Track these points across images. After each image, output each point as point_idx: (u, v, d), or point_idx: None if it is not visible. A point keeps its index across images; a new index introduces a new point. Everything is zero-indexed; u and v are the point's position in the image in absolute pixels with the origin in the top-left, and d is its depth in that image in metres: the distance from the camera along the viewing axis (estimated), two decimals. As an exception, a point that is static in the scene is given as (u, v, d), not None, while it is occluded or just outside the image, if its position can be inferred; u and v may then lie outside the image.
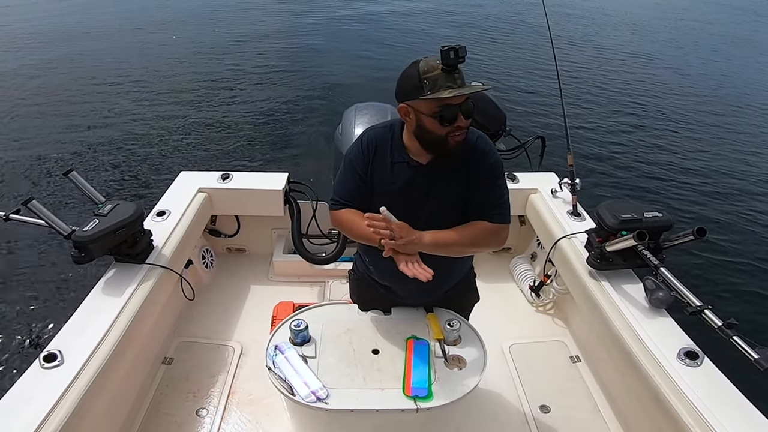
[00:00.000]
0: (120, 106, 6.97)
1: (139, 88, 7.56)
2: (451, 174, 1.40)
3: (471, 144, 1.41)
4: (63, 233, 1.90)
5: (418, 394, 1.37)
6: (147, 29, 10.74)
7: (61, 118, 6.58)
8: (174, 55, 9.04)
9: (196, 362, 2.27)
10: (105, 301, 1.88)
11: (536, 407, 2.09)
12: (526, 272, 2.77)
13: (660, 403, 1.60)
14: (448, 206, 1.43)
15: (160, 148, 5.80)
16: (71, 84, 7.80)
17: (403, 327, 1.60)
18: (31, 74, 8.22)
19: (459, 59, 1.22)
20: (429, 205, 1.42)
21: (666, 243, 1.93)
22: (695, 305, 1.64)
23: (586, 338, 2.33)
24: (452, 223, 1.41)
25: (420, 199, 1.41)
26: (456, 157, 1.38)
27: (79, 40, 10.06)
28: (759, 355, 1.41)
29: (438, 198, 1.42)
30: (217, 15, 11.66)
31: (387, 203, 1.26)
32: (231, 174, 2.75)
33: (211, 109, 6.78)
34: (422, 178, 1.41)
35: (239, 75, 7.92)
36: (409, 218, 1.36)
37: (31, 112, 6.84)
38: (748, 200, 4.63)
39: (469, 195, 1.42)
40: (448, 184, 1.41)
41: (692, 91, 7.03)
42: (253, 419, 2.02)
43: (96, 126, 6.37)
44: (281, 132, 6.11)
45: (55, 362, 1.59)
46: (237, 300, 2.67)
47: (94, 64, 8.64)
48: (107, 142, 5.93)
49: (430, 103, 1.26)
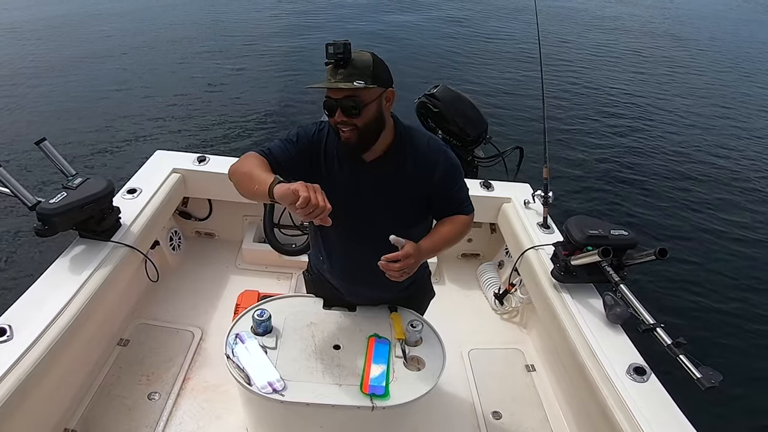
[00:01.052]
0: (102, 79, 6.78)
1: (125, 63, 7.39)
2: (396, 173, 1.41)
3: (422, 146, 1.42)
4: (28, 204, 1.84)
5: (375, 392, 1.39)
6: (136, 10, 10.45)
7: (39, 87, 6.38)
8: (165, 34, 8.85)
9: (153, 345, 2.23)
10: (64, 277, 1.83)
11: (489, 413, 2.13)
12: (492, 279, 2.82)
13: (606, 417, 1.65)
14: (394, 203, 1.43)
15: (139, 125, 5.66)
16: (54, 54, 7.59)
17: (366, 325, 1.61)
18: (14, 41, 7.93)
19: (338, 55, 1.23)
20: (375, 202, 1.42)
21: (629, 261, 1.99)
22: (648, 323, 1.71)
23: (543, 348, 2.39)
24: (399, 221, 1.40)
25: (367, 195, 1.42)
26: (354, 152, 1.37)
27: (67, 14, 9.74)
28: (701, 374, 1.48)
29: (382, 195, 1.42)
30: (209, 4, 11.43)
31: (338, 197, 1.24)
32: (208, 157, 2.71)
33: (195, 92, 6.64)
34: (366, 175, 1.41)
35: (228, 61, 7.79)
36: (357, 213, 1.37)
37: (7, 76, 6.59)
38: (715, 223, 4.80)
39: (426, 197, 1.44)
40: (395, 181, 1.41)
41: (675, 113, 7.25)
42: (207, 406, 2.00)
43: (75, 97, 6.18)
44: (265, 120, 6.03)
45: (4, 337, 1.54)
46: (202, 285, 2.64)
47: (81, 36, 8.43)
48: (84, 114, 5.76)
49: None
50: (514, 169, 3.40)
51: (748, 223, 4.86)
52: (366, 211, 1.42)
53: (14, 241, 3.66)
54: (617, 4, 14.80)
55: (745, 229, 4.76)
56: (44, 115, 5.72)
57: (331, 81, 1.26)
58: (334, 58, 1.24)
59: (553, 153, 3.42)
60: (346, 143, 1.34)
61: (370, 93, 1.28)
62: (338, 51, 1.23)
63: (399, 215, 1.43)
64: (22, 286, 1.77)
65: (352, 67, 1.25)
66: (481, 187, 2.77)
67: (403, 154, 1.41)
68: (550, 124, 2.69)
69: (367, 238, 1.41)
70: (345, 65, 1.25)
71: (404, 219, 1.44)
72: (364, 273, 1.44)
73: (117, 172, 4.56)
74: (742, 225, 4.83)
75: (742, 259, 4.32)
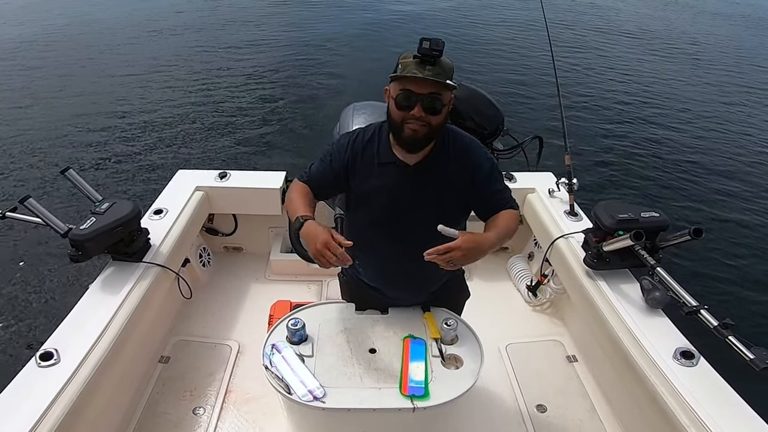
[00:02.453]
0: (118, 104, 6.96)
1: (139, 87, 7.55)
2: (439, 174, 1.40)
3: (464, 146, 1.41)
4: (60, 232, 1.89)
5: (415, 393, 1.37)
6: (148, 28, 10.72)
7: (59, 116, 6.57)
8: (174, 54, 9.03)
9: (193, 361, 2.27)
10: (101, 299, 1.87)
11: (533, 407, 2.10)
12: (523, 272, 2.78)
13: (656, 403, 1.60)
14: (436, 206, 1.42)
15: (158, 147, 5.79)
16: (70, 82, 7.80)
17: (400, 326, 1.60)
18: (29, 71, 8.20)
19: (433, 51, 1.22)
20: (417, 205, 1.41)
21: (662, 243, 1.93)
22: (691, 305, 1.65)
23: (583, 338, 2.34)
24: (438, 222, 1.37)
25: (408, 198, 1.41)
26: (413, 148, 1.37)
27: (80, 38, 10.05)
28: (754, 355, 1.42)
29: (424, 198, 1.41)
30: (218, 16, 11.63)
31: (375, 203, 1.25)
32: (228, 173, 2.75)
33: (209, 108, 6.77)
34: (407, 179, 1.40)
35: (238, 75, 7.91)
36: (393, 218, 1.36)
37: (29, 109, 6.84)
38: (746, 200, 4.65)
39: (466, 200, 1.44)
40: (437, 183, 1.41)
41: (693, 90, 7.05)
42: (250, 418, 2.02)
43: (94, 124, 6.36)
44: (279, 131, 6.11)
45: (51, 361, 1.58)
46: (234, 299, 2.67)
47: (94, 64, 8.64)
48: (105, 140, 5.92)
49: (396, 85, 1.29)
50: (535, 159, 3.35)
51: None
52: (407, 215, 1.42)
53: (50, 268, 3.78)
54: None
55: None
56: (63, 142, 5.88)
57: (418, 75, 1.24)
58: (429, 54, 1.22)
59: (573, 141, 3.35)
60: (412, 136, 1.32)
61: (449, 95, 1.30)
62: (435, 47, 1.22)
63: (440, 217, 1.40)
64: (63, 310, 1.82)
65: (439, 67, 1.25)
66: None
67: (446, 155, 1.40)
68: (567, 113, 2.64)
69: (406, 239, 1.41)
70: (434, 63, 1.24)
71: (444, 221, 1.43)
72: (400, 275, 1.44)
73: (142, 194, 4.69)
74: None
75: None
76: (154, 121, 6.43)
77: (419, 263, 1.29)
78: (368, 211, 1.45)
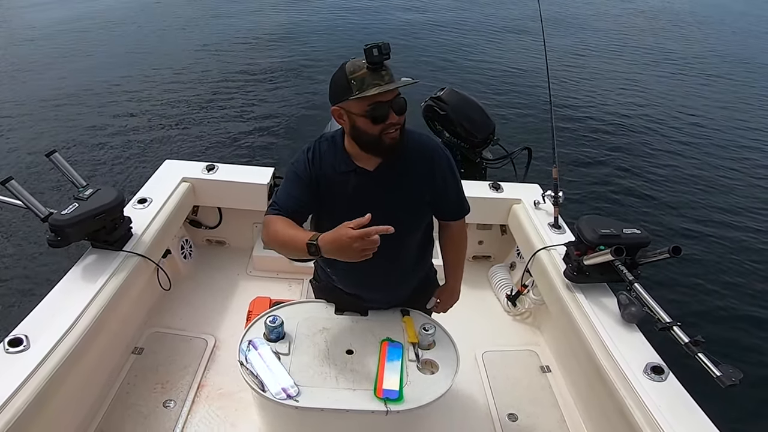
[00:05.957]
0: (110, 90, 6.86)
1: (133, 75, 7.44)
2: (401, 178, 1.40)
3: (419, 144, 1.42)
4: (40, 215, 1.87)
5: (389, 396, 1.38)
6: (143, 18, 10.60)
7: (48, 99, 6.46)
8: (171, 45, 8.94)
9: (168, 353, 2.24)
10: (78, 286, 1.84)
11: (504, 415, 2.11)
12: (504, 281, 2.80)
13: (624, 416, 1.63)
14: (402, 210, 1.42)
15: (147, 135, 5.71)
16: (63, 66, 7.68)
17: (378, 329, 1.60)
18: (23, 54, 8.06)
19: (383, 56, 1.20)
20: (384, 211, 1.38)
21: (642, 259, 1.96)
22: (665, 321, 1.68)
23: (558, 349, 2.36)
24: (406, 225, 1.38)
25: (375, 204, 1.37)
26: (396, 155, 1.36)
27: (76, 26, 9.88)
28: (721, 372, 1.45)
29: (389, 201, 1.40)
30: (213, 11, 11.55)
31: (345, 213, 1.23)
32: (216, 165, 2.73)
33: (201, 101, 6.69)
34: (372, 185, 1.40)
35: (232, 69, 7.83)
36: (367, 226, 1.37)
37: (17, 90, 6.71)
38: (728, 221, 4.74)
39: (430, 196, 1.44)
40: (400, 186, 1.41)
41: (684, 112, 7.16)
42: (221, 413, 2.00)
43: (84, 109, 6.26)
44: (269, 127, 6.06)
45: (20, 347, 1.55)
46: (214, 293, 2.65)
47: (89, 49, 8.52)
48: (94, 126, 5.83)
49: (360, 102, 1.25)
50: (523, 170, 3.38)
51: (763, 220, 4.79)
52: (375, 220, 1.41)
53: (27, 252, 3.70)
54: (623, 1, 14.72)
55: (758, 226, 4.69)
56: (52, 125, 5.79)
57: (381, 84, 1.22)
58: (381, 60, 1.20)
59: (562, 154, 3.39)
60: (393, 143, 1.31)
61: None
62: (384, 51, 1.20)
63: (406, 220, 1.42)
64: (37, 296, 1.79)
65: (388, 67, 1.25)
66: (490, 189, 2.75)
67: (403, 156, 1.40)
68: (558, 125, 2.67)
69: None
70: (384, 66, 1.23)
71: (411, 222, 1.43)
72: (375, 277, 1.43)
73: (127, 182, 4.63)
74: (755, 222, 4.76)
75: (756, 256, 4.26)
76: (146, 109, 6.34)
77: (393, 264, 1.29)
78: (336, 222, 1.35)
